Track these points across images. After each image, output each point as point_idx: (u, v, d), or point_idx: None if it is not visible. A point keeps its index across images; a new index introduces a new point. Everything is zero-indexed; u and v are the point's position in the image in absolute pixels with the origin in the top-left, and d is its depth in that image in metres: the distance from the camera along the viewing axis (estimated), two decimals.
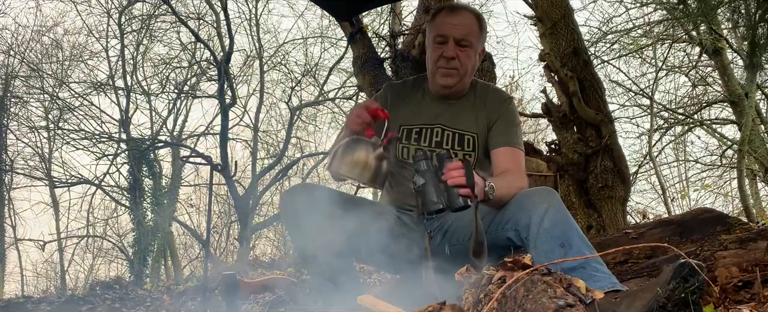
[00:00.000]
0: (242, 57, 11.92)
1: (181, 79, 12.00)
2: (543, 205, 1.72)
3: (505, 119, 2.06)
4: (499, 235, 1.84)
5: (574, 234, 1.70)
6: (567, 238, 1.68)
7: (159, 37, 11.89)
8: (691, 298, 1.17)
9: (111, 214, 12.58)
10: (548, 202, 1.73)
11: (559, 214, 1.72)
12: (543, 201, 1.74)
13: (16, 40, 11.80)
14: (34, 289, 12.47)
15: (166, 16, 11.45)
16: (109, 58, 11.64)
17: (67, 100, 11.66)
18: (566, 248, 1.67)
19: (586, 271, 1.62)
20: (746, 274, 1.61)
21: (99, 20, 11.59)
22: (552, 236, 1.69)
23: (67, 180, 11.75)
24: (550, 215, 1.71)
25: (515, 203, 1.81)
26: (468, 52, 2.01)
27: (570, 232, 1.70)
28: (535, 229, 1.71)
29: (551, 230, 1.69)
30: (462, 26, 2.01)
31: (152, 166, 12.00)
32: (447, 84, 2.03)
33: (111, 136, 11.68)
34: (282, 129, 12.30)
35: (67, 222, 12.19)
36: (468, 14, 2.06)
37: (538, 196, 1.78)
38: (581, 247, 1.69)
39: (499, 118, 2.06)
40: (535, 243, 1.71)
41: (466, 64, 2.02)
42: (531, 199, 1.78)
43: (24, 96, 11.80)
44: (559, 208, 1.73)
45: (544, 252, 1.69)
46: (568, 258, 1.62)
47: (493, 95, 2.12)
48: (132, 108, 11.72)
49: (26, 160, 11.96)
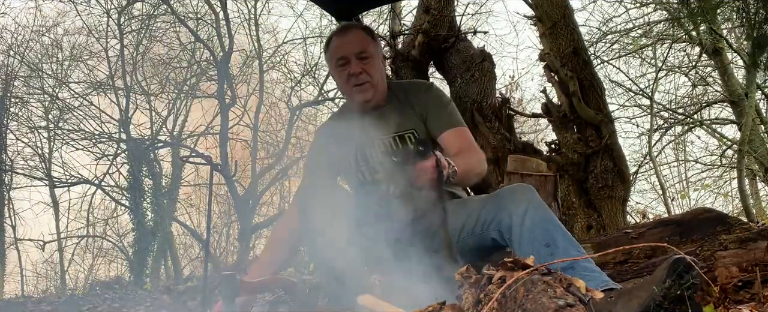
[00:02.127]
0: (242, 57, 11.91)
1: (181, 79, 12.00)
2: (523, 205, 1.73)
3: (435, 105, 2.12)
4: (484, 236, 1.85)
5: (557, 233, 1.70)
6: (551, 238, 1.68)
7: (158, 37, 11.88)
8: (687, 294, 1.16)
9: (111, 214, 12.57)
10: (528, 201, 1.74)
11: (539, 211, 1.72)
12: (523, 200, 1.74)
13: (16, 40, 11.79)
14: (34, 289, 12.47)
15: (165, 16, 11.45)
16: (109, 58, 11.63)
17: (67, 100, 11.65)
18: (552, 248, 1.67)
19: (575, 271, 1.61)
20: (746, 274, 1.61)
21: (99, 20, 11.56)
22: (535, 236, 1.69)
23: (67, 180, 11.73)
24: (530, 214, 1.71)
25: (495, 202, 1.82)
26: (371, 62, 2.09)
27: (553, 231, 1.70)
28: (517, 230, 1.72)
29: (533, 230, 1.70)
30: (356, 42, 2.09)
31: (152, 166, 11.99)
32: (366, 98, 2.10)
33: (111, 136, 11.68)
34: (282, 129, 12.28)
35: (67, 222, 12.18)
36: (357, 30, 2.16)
37: (518, 193, 1.78)
38: (567, 247, 1.68)
39: (429, 107, 2.11)
40: (519, 244, 1.72)
41: (374, 74, 2.09)
42: (511, 197, 1.79)
43: (24, 96, 11.79)
44: (538, 205, 1.73)
45: (528, 254, 1.66)
46: (555, 260, 1.61)
47: (412, 90, 2.19)
48: (132, 108, 11.72)
49: (26, 160, 11.94)
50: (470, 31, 5.66)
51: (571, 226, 4.92)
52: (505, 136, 4.87)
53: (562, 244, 1.68)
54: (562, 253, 1.66)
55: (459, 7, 6.18)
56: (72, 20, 11.96)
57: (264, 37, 12.00)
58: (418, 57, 5.08)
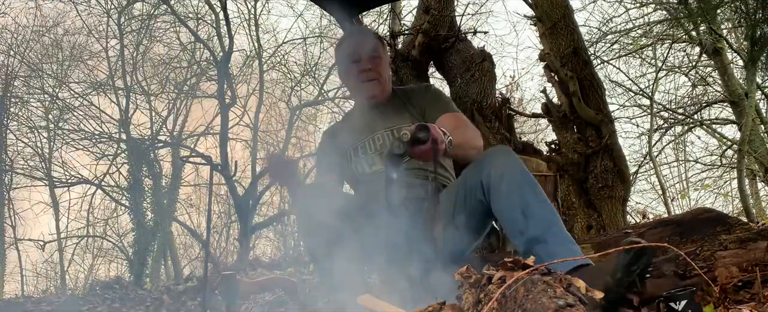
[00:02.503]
0: (242, 57, 11.91)
1: (181, 79, 12.00)
2: (499, 170, 1.79)
3: (433, 99, 2.25)
4: (472, 203, 1.89)
5: (531, 196, 1.75)
6: (525, 203, 1.73)
7: (158, 37, 11.88)
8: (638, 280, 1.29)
9: (111, 214, 12.59)
10: (503, 165, 1.79)
11: (515, 174, 1.78)
12: (499, 164, 1.80)
13: (16, 41, 11.79)
14: (34, 289, 12.48)
15: (165, 16, 11.45)
16: (109, 58, 11.63)
17: (67, 100, 11.66)
18: (527, 216, 1.72)
19: (547, 246, 1.67)
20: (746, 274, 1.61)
21: (99, 20, 11.57)
22: (512, 202, 1.75)
23: (67, 180, 11.75)
24: (506, 179, 1.77)
25: (474, 167, 1.89)
26: (381, 62, 2.24)
27: (527, 196, 1.74)
28: (495, 193, 1.79)
29: (510, 195, 1.76)
30: (367, 43, 2.24)
31: (152, 166, 11.99)
32: (373, 93, 2.24)
33: (111, 136, 11.68)
34: (282, 129, 12.28)
35: (67, 222, 12.20)
36: (369, 33, 2.39)
37: (493, 156, 1.85)
38: (545, 213, 1.73)
39: (427, 100, 2.24)
40: (498, 211, 1.80)
41: (382, 72, 2.24)
42: (487, 161, 1.85)
43: (24, 96, 11.80)
44: (514, 168, 1.79)
45: (507, 221, 1.77)
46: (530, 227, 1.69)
47: (413, 92, 2.33)
48: (132, 108, 11.72)
49: (26, 160, 11.95)
50: (470, 31, 5.65)
51: (571, 226, 4.92)
52: (505, 136, 4.86)
53: (538, 213, 1.73)
54: (538, 219, 1.71)
55: (459, 7, 6.19)
56: (72, 20, 11.96)
57: (264, 37, 12.03)
58: (418, 57, 5.07)
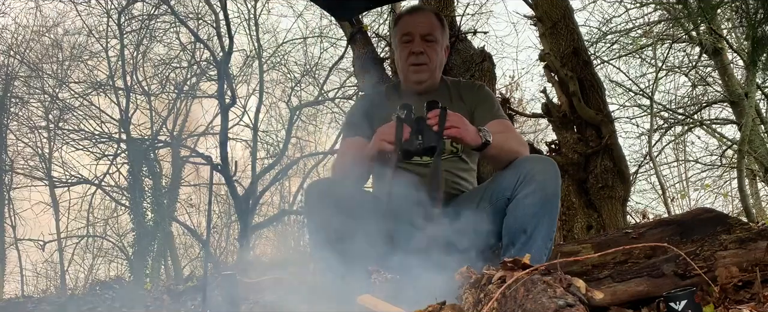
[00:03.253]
0: (242, 57, 11.91)
1: (181, 79, 12.00)
2: (532, 185, 1.80)
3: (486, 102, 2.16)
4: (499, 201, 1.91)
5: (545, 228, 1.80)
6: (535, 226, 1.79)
7: (159, 37, 11.88)
8: None
9: (111, 214, 12.58)
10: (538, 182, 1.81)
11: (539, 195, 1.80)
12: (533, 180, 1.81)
13: (16, 40, 11.79)
14: (34, 289, 12.47)
15: (165, 16, 11.44)
16: (109, 58, 11.63)
17: (67, 100, 11.66)
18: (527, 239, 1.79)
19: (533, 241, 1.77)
20: (746, 274, 1.61)
21: (99, 20, 11.57)
22: (526, 216, 1.80)
23: (67, 180, 11.75)
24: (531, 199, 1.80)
25: (514, 169, 1.89)
26: (434, 47, 2.11)
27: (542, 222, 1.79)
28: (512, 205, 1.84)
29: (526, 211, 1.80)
30: (425, 23, 2.12)
31: (152, 166, 11.99)
32: (420, 79, 2.13)
33: (111, 136, 11.68)
34: (282, 129, 12.28)
35: (67, 222, 12.19)
36: (428, 13, 2.20)
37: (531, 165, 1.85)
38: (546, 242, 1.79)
39: (479, 102, 2.15)
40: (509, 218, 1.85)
41: (434, 58, 2.11)
42: (525, 168, 1.85)
43: (24, 96, 11.79)
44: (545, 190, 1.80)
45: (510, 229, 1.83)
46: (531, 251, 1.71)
47: (465, 86, 2.23)
48: (132, 108, 11.71)
49: (26, 160, 11.97)
50: (470, 32, 5.65)
51: (571, 226, 4.92)
52: None
53: (540, 238, 1.79)
54: (536, 250, 1.75)
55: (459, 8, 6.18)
56: (72, 20, 11.97)
57: (264, 37, 12.00)
58: None
